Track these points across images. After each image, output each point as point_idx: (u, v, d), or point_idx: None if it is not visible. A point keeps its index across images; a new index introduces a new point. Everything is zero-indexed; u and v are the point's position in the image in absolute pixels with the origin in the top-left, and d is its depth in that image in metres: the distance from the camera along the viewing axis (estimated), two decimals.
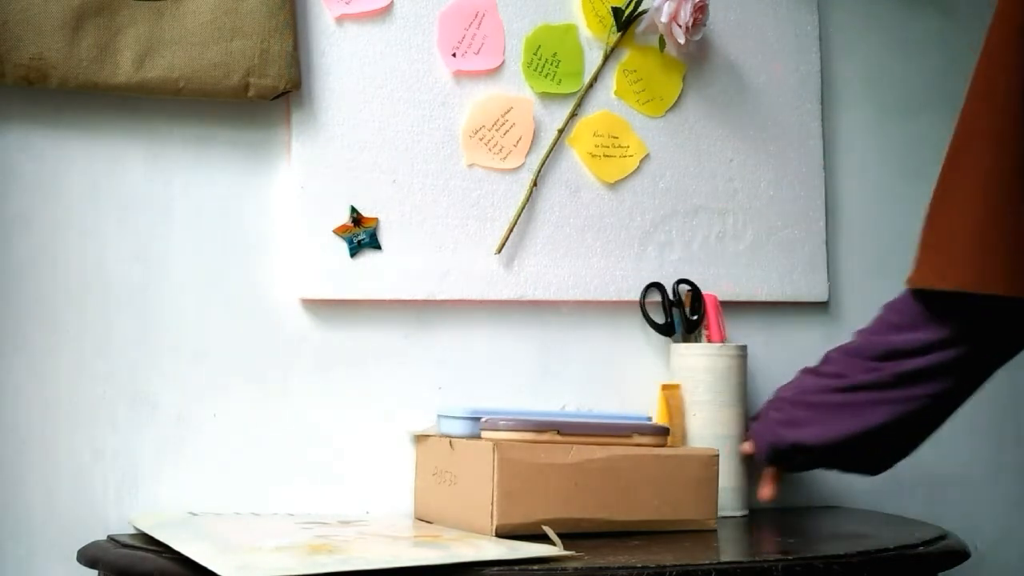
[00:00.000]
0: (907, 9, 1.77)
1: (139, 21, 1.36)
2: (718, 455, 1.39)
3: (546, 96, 1.56)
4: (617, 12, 1.57)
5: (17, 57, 1.32)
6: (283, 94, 1.42)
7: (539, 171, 1.54)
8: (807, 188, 1.68)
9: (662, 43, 1.59)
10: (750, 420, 1.51)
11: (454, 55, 1.52)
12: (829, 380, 1.36)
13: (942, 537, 1.31)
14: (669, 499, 1.34)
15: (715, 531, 1.36)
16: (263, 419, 1.43)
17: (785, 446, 1.39)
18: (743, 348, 1.54)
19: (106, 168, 1.39)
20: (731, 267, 1.63)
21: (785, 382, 1.43)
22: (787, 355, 1.65)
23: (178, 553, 1.14)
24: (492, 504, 1.26)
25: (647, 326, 1.58)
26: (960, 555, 1.29)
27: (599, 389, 1.57)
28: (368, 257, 1.47)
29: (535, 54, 1.55)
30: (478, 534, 1.27)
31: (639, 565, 1.12)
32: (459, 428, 1.39)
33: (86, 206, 1.38)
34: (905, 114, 1.76)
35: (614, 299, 1.57)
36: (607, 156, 1.58)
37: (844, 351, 1.36)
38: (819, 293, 1.68)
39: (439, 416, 1.43)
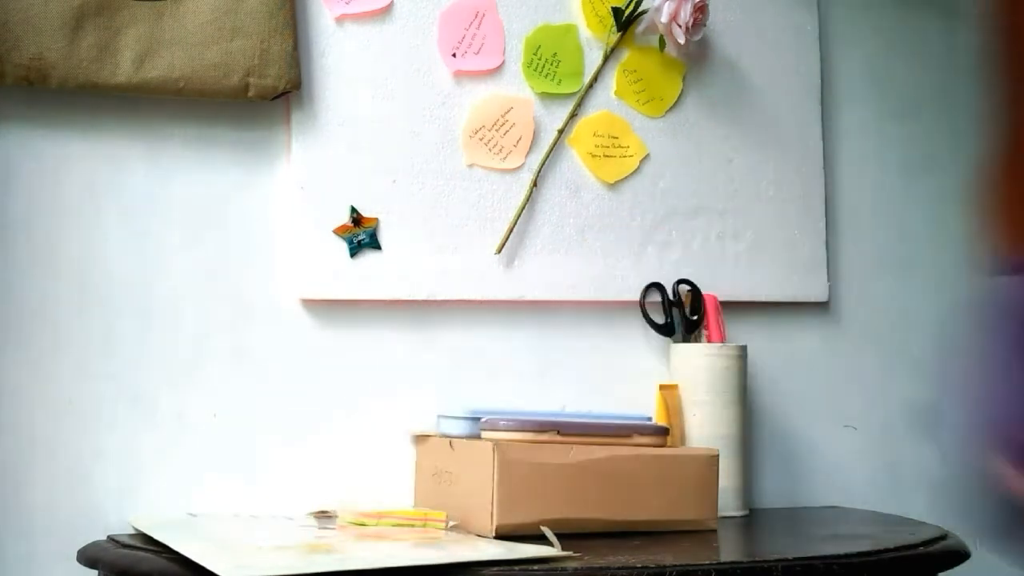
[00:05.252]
0: (907, 9, 1.77)
1: (139, 21, 1.36)
2: (718, 455, 1.38)
3: (546, 96, 1.56)
4: (617, 12, 1.56)
5: (17, 57, 1.32)
6: (283, 94, 1.42)
7: (539, 171, 1.54)
8: (807, 188, 1.68)
9: (662, 43, 1.59)
10: None
11: (454, 55, 1.52)
12: None
13: (942, 537, 1.31)
14: (669, 499, 1.34)
15: (715, 531, 1.36)
16: (263, 419, 1.43)
17: None
18: (743, 348, 1.54)
19: (106, 168, 1.39)
20: (731, 267, 1.63)
21: (783, 382, 1.42)
22: (787, 355, 1.66)
23: (178, 553, 1.14)
24: (492, 504, 1.26)
25: (647, 326, 1.58)
26: (960, 555, 1.29)
27: (599, 389, 1.56)
28: (368, 257, 1.47)
29: (535, 54, 1.55)
30: (478, 534, 1.27)
31: (639, 565, 1.12)
32: (459, 428, 1.39)
33: (86, 206, 1.38)
34: (905, 114, 1.76)
35: (614, 299, 1.57)
36: (607, 156, 1.58)
37: None
38: (819, 293, 1.68)
39: (439, 416, 1.43)
